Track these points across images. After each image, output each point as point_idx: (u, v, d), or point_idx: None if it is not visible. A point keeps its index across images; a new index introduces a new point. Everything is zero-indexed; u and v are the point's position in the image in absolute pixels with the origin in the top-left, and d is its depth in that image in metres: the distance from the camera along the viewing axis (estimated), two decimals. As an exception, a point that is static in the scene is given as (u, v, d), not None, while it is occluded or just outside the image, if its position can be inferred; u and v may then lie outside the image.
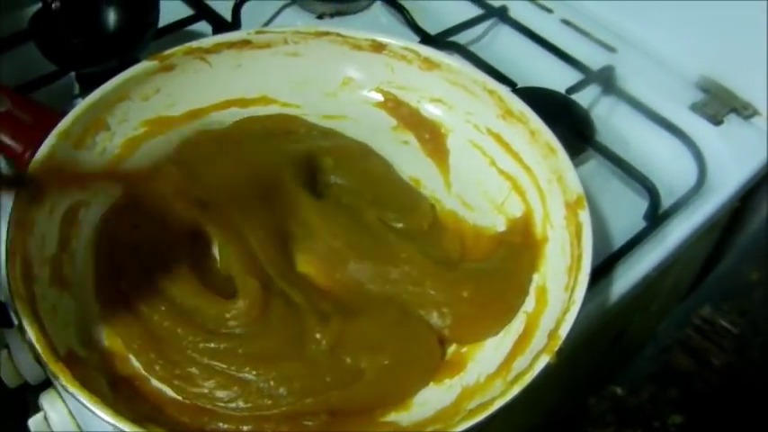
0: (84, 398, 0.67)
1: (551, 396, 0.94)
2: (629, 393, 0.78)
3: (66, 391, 0.67)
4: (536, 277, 0.84)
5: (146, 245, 0.86)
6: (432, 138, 0.98)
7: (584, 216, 0.82)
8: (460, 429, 0.67)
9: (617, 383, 0.78)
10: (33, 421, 0.89)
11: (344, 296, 0.84)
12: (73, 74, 1.07)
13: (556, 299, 0.79)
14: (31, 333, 0.71)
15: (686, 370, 0.80)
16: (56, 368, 0.69)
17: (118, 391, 0.74)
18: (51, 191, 0.83)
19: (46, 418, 0.87)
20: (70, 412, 0.86)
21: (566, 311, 0.74)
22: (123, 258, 0.85)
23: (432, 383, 0.79)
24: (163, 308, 0.81)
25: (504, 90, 0.94)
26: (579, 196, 0.83)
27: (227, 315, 0.81)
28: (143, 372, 0.78)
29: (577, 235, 0.81)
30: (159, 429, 0.67)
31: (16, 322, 0.86)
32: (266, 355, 0.78)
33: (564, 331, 0.72)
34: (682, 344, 0.82)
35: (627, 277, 0.94)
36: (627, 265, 0.94)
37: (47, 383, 0.91)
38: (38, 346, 0.70)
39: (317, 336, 0.79)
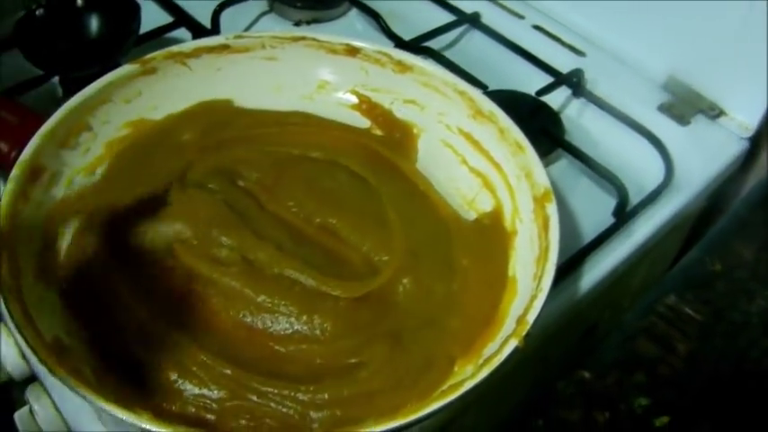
0: (70, 382, 0.69)
1: (523, 386, 0.96)
2: (596, 378, 0.80)
3: (53, 374, 0.69)
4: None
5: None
6: (402, 137, 1.01)
7: (551, 209, 0.84)
8: (433, 409, 0.69)
9: (584, 368, 0.81)
10: (19, 415, 0.90)
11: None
12: (56, 78, 1.09)
13: (525, 288, 0.81)
14: (19, 321, 0.73)
15: (651, 355, 0.82)
16: (42, 354, 0.71)
17: (100, 377, 0.76)
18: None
19: (31, 412, 0.89)
20: (55, 405, 0.88)
21: (533, 299, 0.76)
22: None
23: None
24: None
25: (473, 91, 0.97)
26: (546, 190, 0.86)
27: None
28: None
29: (545, 227, 0.83)
30: (142, 411, 0.69)
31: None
32: None
33: (531, 317, 0.74)
34: (647, 331, 0.85)
35: (595, 271, 0.97)
36: (596, 259, 0.97)
37: (31, 379, 0.93)
38: (25, 333, 0.72)
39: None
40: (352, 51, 1.02)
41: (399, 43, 1.20)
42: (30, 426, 0.89)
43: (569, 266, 0.94)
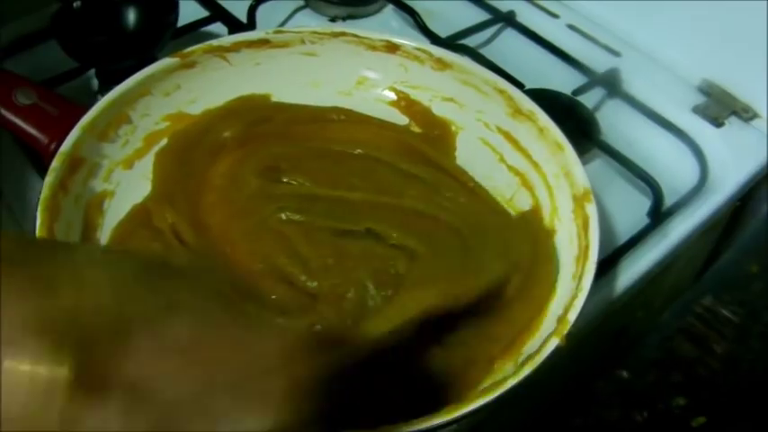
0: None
1: (555, 385, 0.96)
2: (635, 377, 0.81)
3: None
4: (545, 267, 0.87)
5: None
6: (441, 135, 1.01)
7: (591, 208, 0.84)
8: (475, 406, 0.69)
9: (623, 368, 0.81)
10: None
11: None
12: (93, 71, 1.10)
13: (564, 287, 0.82)
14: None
15: (689, 356, 0.83)
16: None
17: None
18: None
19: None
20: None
21: (574, 297, 0.76)
22: None
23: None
24: None
25: (513, 89, 0.97)
26: (586, 190, 0.86)
27: None
28: None
29: (584, 226, 0.84)
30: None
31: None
32: None
33: (572, 316, 0.74)
34: (684, 331, 0.85)
35: (630, 272, 0.96)
36: (630, 260, 0.97)
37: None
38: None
39: None
40: (392, 48, 1.01)
41: (435, 41, 1.20)
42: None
43: (605, 267, 0.94)
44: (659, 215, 1.01)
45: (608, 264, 0.95)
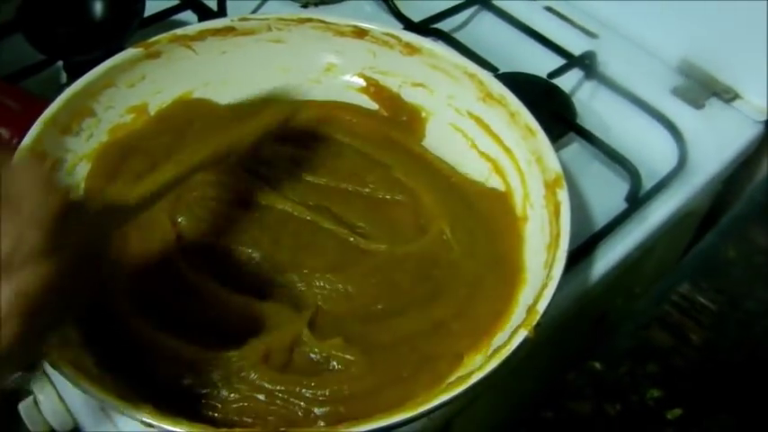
0: (70, 374, 0.68)
1: (533, 376, 0.95)
2: (608, 368, 0.79)
3: (53, 366, 0.68)
4: (515, 256, 0.85)
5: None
6: (411, 121, 0.99)
7: (563, 195, 0.82)
8: (440, 401, 0.68)
9: (596, 359, 0.80)
10: (23, 406, 0.89)
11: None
12: (60, 63, 1.08)
13: (535, 276, 0.80)
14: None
15: (664, 345, 0.81)
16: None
17: (102, 370, 0.75)
18: None
19: (36, 402, 0.88)
20: (60, 396, 0.87)
21: (544, 287, 0.75)
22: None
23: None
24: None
25: (483, 73, 0.95)
26: (558, 176, 0.84)
27: None
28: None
29: (556, 213, 0.82)
30: (142, 404, 0.67)
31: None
32: None
33: (542, 306, 0.73)
34: (660, 320, 0.83)
35: (608, 257, 0.95)
36: (608, 245, 0.96)
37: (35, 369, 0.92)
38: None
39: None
40: (360, 33, 1.00)
41: (409, 25, 1.18)
42: (34, 417, 0.88)
43: (581, 253, 0.92)
44: (637, 200, 0.99)
45: (584, 250, 0.93)
